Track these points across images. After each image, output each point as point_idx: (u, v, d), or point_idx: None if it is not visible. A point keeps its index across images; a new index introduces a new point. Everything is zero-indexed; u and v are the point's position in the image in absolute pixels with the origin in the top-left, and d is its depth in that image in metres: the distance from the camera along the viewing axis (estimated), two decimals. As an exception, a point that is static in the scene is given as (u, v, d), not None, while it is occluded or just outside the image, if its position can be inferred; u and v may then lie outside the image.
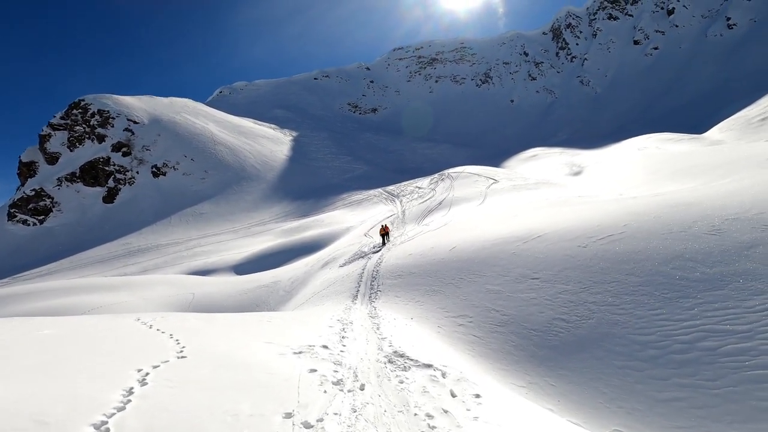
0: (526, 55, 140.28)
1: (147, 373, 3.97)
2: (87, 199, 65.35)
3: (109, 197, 65.91)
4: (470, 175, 36.31)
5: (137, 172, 69.25)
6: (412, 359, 5.80)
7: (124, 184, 67.66)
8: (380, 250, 17.65)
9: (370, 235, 24.50)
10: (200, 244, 46.98)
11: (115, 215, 61.91)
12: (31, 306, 17.84)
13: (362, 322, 8.23)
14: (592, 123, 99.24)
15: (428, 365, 5.59)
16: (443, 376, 5.26)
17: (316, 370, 4.91)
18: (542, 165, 52.70)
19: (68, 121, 73.34)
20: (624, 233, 8.51)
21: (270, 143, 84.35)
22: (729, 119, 42.98)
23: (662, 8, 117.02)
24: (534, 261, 8.92)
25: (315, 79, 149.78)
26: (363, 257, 17.19)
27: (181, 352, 4.87)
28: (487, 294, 8.65)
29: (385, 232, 19.66)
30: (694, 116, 69.10)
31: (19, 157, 71.23)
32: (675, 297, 6.33)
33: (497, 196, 26.23)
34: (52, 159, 70.67)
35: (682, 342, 5.54)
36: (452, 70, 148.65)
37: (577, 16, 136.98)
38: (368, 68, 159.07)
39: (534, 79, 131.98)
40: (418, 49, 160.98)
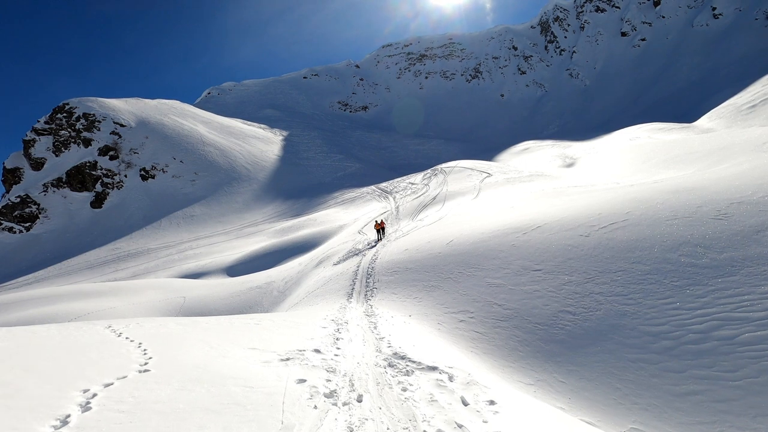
0: (515, 49, 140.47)
1: (94, 395, 3.34)
2: (74, 205, 64.01)
3: (97, 202, 64.62)
4: (463, 170, 36.05)
5: (125, 176, 67.99)
6: (414, 361, 5.33)
7: (112, 188, 66.39)
8: (375, 246, 17.39)
9: (364, 232, 24.12)
10: (192, 246, 46.22)
11: (104, 220, 60.74)
12: (14, 316, 17.19)
13: (358, 321, 7.84)
14: (582, 115, 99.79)
15: (433, 367, 5.12)
16: (451, 379, 4.76)
17: (305, 381, 4.33)
18: (535, 158, 52.70)
19: (53, 126, 71.70)
20: (627, 221, 8.24)
21: (260, 143, 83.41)
22: (718, 108, 43.23)
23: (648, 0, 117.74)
24: (535, 252, 8.61)
25: (304, 77, 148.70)
26: (357, 254, 16.82)
27: (146, 364, 4.29)
28: (487, 288, 8.32)
29: (380, 227, 19.51)
30: (682, 106, 69.63)
31: (3, 164, 69.50)
32: (685, 285, 6.06)
33: (491, 189, 25.98)
34: (38, 164, 69.08)
35: (697, 332, 5.25)
36: (442, 66, 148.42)
37: (564, 9, 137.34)
38: (357, 66, 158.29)
39: (523, 73, 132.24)
40: (407, 46, 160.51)
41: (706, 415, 4.38)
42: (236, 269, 30.66)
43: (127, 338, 5.40)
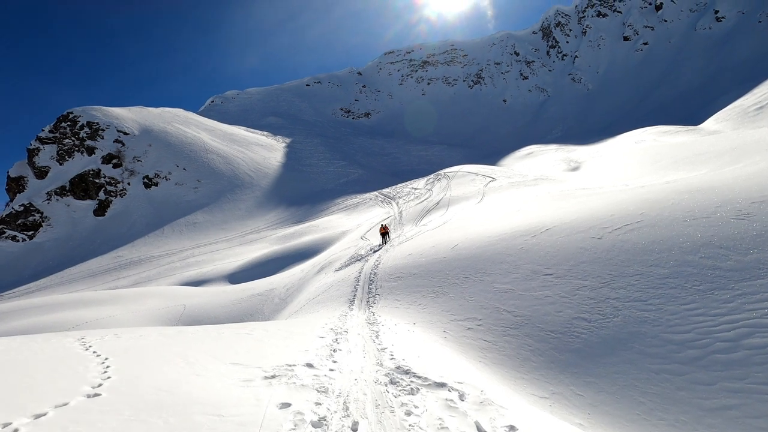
0: (517, 54, 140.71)
1: (15, 430, 2.72)
2: (77, 213, 64.11)
3: (100, 210, 64.69)
4: (467, 174, 35.72)
5: (128, 184, 68.12)
6: (420, 376, 4.80)
7: (116, 196, 66.49)
8: (379, 250, 17.09)
9: (367, 237, 23.77)
10: (194, 254, 45.99)
11: (107, 228, 60.73)
12: (12, 325, 16.90)
13: (359, 330, 7.45)
14: (586, 119, 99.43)
15: (441, 384, 4.57)
16: (462, 398, 4.24)
17: (289, 405, 3.65)
18: (539, 162, 52.27)
19: (57, 134, 72.15)
20: (641, 222, 7.85)
21: (263, 150, 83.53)
22: (724, 110, 42.76)
23: (650, 4, 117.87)
24: (545, 256, 8.22)
25: (307, 85, 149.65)
26: (360, 260, 16.46)
27: (99, 386, 3.66)
28: (495, 293, 7.92)
29: (384, 232, 19.42)
30: (685, 109, 69.21)
31: (8, 172, 69.92)
32: (709, 289, 5.65)
33: (496, 193, 25.61)
34: (41, 173, 69.41)
35: (725, 340, 4.83)
36: (444, 72, 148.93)
37: (566, 15, 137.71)
38: (360, 73, 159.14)
39: (526, 78, 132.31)
40: (409, 53, 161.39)
41: (742, 433, 3.97)
42: (238, 276, 30.36)
43: (94, 353, 4.92)
